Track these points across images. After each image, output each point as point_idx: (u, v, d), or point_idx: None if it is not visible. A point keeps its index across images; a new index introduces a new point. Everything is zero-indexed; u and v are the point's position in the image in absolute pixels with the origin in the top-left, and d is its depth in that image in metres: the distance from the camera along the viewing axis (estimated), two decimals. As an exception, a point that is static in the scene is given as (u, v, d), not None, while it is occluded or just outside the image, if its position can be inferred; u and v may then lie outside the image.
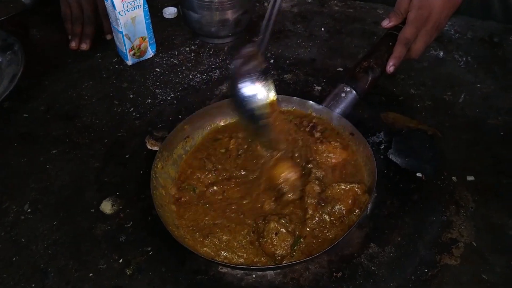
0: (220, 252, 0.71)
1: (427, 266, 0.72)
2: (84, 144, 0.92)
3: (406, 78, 1.05)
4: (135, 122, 0.96)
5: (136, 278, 0.71)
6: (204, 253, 0.71)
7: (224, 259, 0.71)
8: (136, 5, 1.01)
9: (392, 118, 0.95)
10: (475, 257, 0.73)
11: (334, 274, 0.71)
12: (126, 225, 0.78)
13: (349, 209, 0.74)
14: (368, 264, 0.72)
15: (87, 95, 1.03)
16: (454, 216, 0.78)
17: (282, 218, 0.72)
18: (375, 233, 0.76)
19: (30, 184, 0.85)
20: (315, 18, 1.26)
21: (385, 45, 0.91)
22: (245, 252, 0.72)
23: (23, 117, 0.98)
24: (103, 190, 0.83)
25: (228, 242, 0.72)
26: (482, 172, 0.85)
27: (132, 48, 1.07)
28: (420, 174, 0.84)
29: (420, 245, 0.74)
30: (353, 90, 0.86)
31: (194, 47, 1.17)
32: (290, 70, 1.09)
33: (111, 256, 0.74)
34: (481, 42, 1.14)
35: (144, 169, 0.86)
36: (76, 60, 1.12)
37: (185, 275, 0.71)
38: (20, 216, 0.80)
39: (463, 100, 0.99)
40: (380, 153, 0.88)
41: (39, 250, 0.75)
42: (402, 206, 0.80)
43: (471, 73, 1.06)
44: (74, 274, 0.72)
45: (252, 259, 0.71)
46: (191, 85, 1.05)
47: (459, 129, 0.93)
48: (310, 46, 1.16)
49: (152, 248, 0.75)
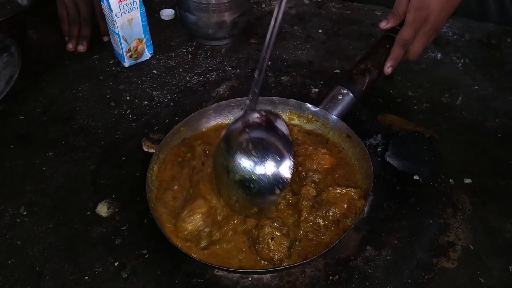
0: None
1: (424, 269, 0.71)
2: (80, 146, 0.92)
3: (403, 80, 1.04)
4: (131, 124, 0.96)
5: (132, 281, 0.71)
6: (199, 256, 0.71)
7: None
8: (133, 7, 1.01)
9: (389, 120, 0.95)
10: (472, 260, 0.72)
11: (330, 277, 0.70)
12: (122, 228, 0.77)
13: (344, 213, 0.73)
14: (364, 267, 0.72)
15: (84, 97, 1.03)
16: (451, 218, 0.78)
17: (275, 222, 0.72)
18: (371, 236, 0.76)
19: (26, 186, 0.84)
20: (313, 20, 1.26)
21: (383, 47, 0.90)
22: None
23: (19, 119, 0.98)
24: (99, 193, 0.83)
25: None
26: (480, 175, 0.84)
27: (129, 50, 1.07)
28: (417, 177, 0.84)
29: (417, 248, 0.74)
30: (350, 92, 0.86)
31: (191, 49, 1.17)
32: (287, 72, 1.08)
33: (106, 259, 0.73)
34: (478, 44, 1.14)
35: (140, 171, 0.85)
36: (73, 62, 1.12)
37: (181, 278, 0.71)
38: (16, 218, 0.79)
39: (460, 102, 0.99)
40: (377, 155, 0.88)
41: (35, 253, 0.75)
42: (399, 209, 0.79)
43: (468, 75, 1.06)
44: (69, 277, 0.71)
45: (251, 264, 0.71)
46: (188, 87, 1.05)
47: (456, 132, 0.93)
48: (308, 48, 1.16)
49: (147, 251, 0.74)
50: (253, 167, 0.68)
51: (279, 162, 0.68)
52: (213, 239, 0.71)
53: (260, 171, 0.68)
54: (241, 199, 0.71)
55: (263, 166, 0.68)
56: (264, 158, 0.68)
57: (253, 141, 0.69)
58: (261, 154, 0.68)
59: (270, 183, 0.68)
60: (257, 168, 0.68)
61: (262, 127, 0.72)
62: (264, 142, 0.70)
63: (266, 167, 0.68)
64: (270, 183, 0.68)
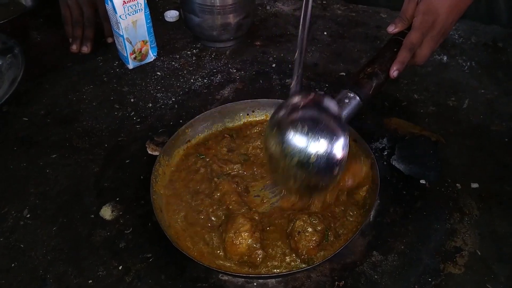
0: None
1: (431, 275, 0.71)
2: (84, 148, 0.91)
3: (409, 83, 1.04)
4: (135, 127, 0.95)
5: (136, 285, 0.70)
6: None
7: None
8: (137, 8, 1.01)
9: (395, 124, 0.94)
10: (479, 266, 0.72)
11: (336, 283, 0.70)
12: (126, 231, 0.77)
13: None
14: (371, 272, 0.71)
15: (88, 99, 1.02)
16: (458, 224, 0.77)
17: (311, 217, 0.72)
18: (378, 241, 0.75)
19: (30, 189, 0.84)
20: (318, 22, 1.26)
21: (390, 51, 0.89)
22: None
23: (23, 121, 0.97)
24: (102, 196, 0.83)
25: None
26: (487, 179, 0.84)
27: (133, 51, 1.07)
28: (423, 181, 0.83)
29: (423, 254, 0.73)
30: (357, 96, 0.85)
31: (196, 51, 1.16)
32: (292, 75, 1.07)
33: (110, 263, 0.73)
34: (484, 47, 1.14)
35: (144, 174, 0.85)
36: (77, 63, 1.12)
37: (185, 282, 0.71)
38: (19, 221, 0.79)
39: (467, 106, 0.98)
40: (383, 159, 0.87)
41: (38, 256, 0.74)
42: (405, 213, 0.79)
43: (475, 79, 1.05)
44: (73, 281, 0.71)
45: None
46: (192, 89, 1.05)
47: (463, 135, 0.92)
48: (313, 51, 1.16)
49: (152, 255, 0.74)
50: (309, 148, 0.67)
51: (334, 141, 0.67)
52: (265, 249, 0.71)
53: (316, 150, 0.67)
54: (299, 181, 0.70)
55: (319, 146, 0.67)
56: (318, 137, 0.67)
57: (306, 122, 0.68)
58: (315, 134, 0.67)
59: (328, 163, 0.67)
60: (313, 148, 0.67)
61: (311, 107, 0.71)
62: (316, 121, 0.68)
63: (322, 147, 0.67)
64: (328, 163, 0.67)
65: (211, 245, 0.72)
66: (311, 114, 0.70)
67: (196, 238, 0.73)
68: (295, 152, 0.67)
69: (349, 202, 0.77)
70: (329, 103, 0.71)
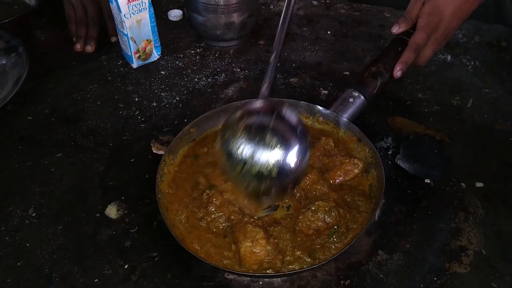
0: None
1: (436, 274, 0.71)
2: (88, 147, 0.91)
3: (413, 83, 1.04)
4: (140, 126, 0.96)
5: (142, 284, 0.70)
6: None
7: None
8: (141, 7, 1.01)
9: (400, 123, 0.94)
10: (484, 265, 0.72)
11: (342, 282, 0.70)
12: (131, 230, 0.77)
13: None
14: (376, 271, 0.71)
15: (92, 98, 1.02)
16: (463, 223, 0.77)
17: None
18: (383, 240, 0.75)
19: (35, 187, 0.84)
20: (321, 21, 1.26)
21: (394, 50, 0.90)
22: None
23: (27, 120, 0.97)
24: (107, 195, 0.83)
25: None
26: (491, 178, 0.84)
27: (137, 51, 1.07)
28: (428, 180, 0.83)
29: (429, 253, 0.73)
30: (361, 95, 0.85)
31: (200, 50, 1.16)
32: (296, 74, 1.08)
33: (116, 261, 0.73)
34: (488, 46, 1.13)
35: (149, 173, 0.85)
36: (81, 63, 1.12)
37: (191, 281, 0.71)
38: (25, 220, 0.79)
39: (471, 105, 0.98)
40: (388, 158, 0.87)
41: (44, 255, 0.74)
42: (410, 212, 0.79)
43: (478, 78, 1.05)
44: (79, 279, 0.71)
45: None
46: (196, 89, 1.05)
47: (467, 135, 0.92)
48: (316, 50, 1.16)
49: (157, 254, 0.74)
50: (258, 157, 0.66)
51: (286, 151, 0.66)
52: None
53: (266, 159, 0.66)
54: (249, 186, 0.68)
55: (270, 155, 0.66)
56: (270, 146, 0.66)
57: (259, 129, 0.67)
58: (267, 143, 0.66)
59: (280, 172, 0.66)
60: (263, 157, 0.66)
61: (268, 115, 0.70)
62: (270, 129, 0.67)
63: (273, 156, 0.66)
64: (280, 172, 0.66)
65: (217, 245, 0.72)
66: (266, 121, 0.69)
67: (201, 238, 0.73)
68: (242, 160, 0.66)
69: (356, 193, 0.77)
70: (288, 112, 0.70)
